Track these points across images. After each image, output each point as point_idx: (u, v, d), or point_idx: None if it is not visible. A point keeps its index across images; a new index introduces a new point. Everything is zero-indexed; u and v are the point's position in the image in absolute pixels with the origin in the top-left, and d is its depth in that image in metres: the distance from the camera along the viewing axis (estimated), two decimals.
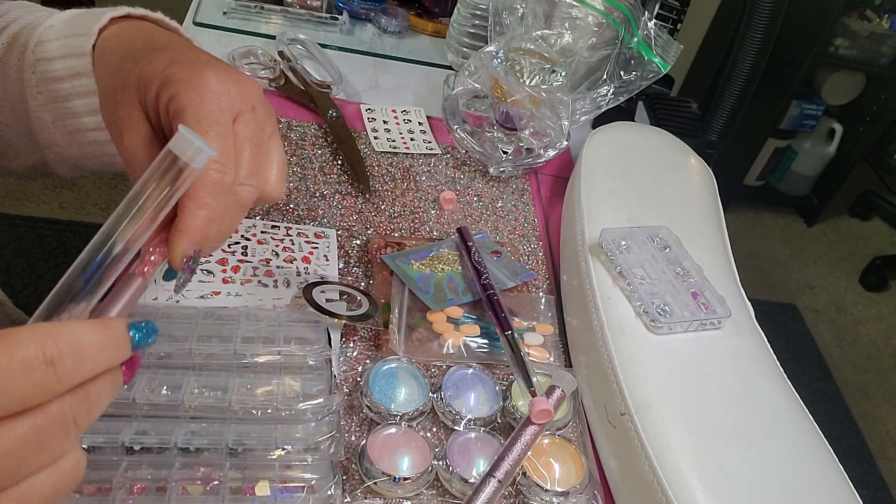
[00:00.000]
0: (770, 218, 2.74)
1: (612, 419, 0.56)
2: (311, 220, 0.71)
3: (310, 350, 0.53)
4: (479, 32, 0.91)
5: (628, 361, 0.57)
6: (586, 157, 0.77)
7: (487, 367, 0.61)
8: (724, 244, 0.73)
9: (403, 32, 1.06)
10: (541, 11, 0.82)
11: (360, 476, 0.51)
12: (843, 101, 2.52)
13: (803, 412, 0.58)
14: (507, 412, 0.58)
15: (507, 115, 0.81)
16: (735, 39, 0.87)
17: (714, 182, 0.81)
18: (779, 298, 2.37)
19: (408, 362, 0.59)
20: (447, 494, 0.52)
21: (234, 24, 0.97)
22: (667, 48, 0.81)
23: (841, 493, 0.53)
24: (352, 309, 0.61)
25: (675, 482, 0.49)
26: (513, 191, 0.83)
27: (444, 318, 0.63)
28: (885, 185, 2.83)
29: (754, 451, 0.52)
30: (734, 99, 0.89)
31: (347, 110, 0.87)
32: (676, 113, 0.95)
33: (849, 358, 2.22)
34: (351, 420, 0.55)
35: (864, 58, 2.34)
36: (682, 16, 0.98)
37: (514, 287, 0.70)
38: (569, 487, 0.53)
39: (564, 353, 0.65)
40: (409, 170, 0.81)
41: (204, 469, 0.46)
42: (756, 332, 0.63)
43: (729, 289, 0.66)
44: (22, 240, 1.74)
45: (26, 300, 1.60)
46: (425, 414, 0.56)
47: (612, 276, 0.63)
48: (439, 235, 0.74)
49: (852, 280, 2.53)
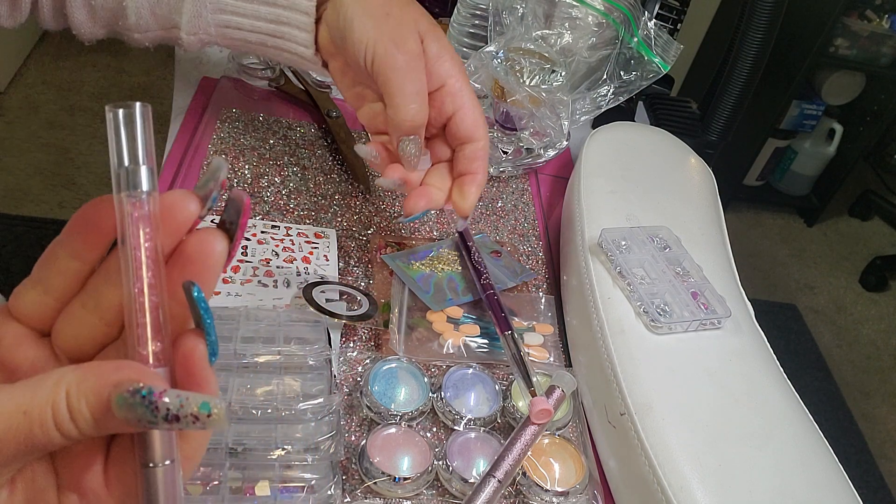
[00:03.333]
0: (770, 218, 2.74)
1: (612, 419, 0.56)
2: (311, 220, 0.71)
3: (310, 350, 0.53)
4: (479, 32, 0.91)
5: (628, 361, 0.57)
6: (586, 157, 0.77)
7: (487, 367, 0.61)
8: (724, 244, 0.73)
9: None
10: (541, 11, 0.82)
11: (360, 476, 0.51)
12: (843, 101, 2.52)
13: (803, 412, 0.58)
14: (507, 412, 0.58)
15: (507, 115, 0.81)
16: (735, 39, 0.87)
17: (714, 182, 0.81)
18: (779, 298, 2.37)
19: (408, 362, 0.59)
20: (447, 494, 0.52)
21: None
22: (667, 48, 0.81)
23: (841, 493, 0.53)
24: (352, 309, 0.61)
25: (675, 482, 0.49)
26: (513, 191, 0.83)
27: (444, 318, 0.63)
28: (885, 185, 2.83)
29: (754, 451, 0.52)
30: (734, 99, 0.89)
31: (347, 110, 0.87)
32: (676, 113, 0.95)
33: (849, 358, 2.22)
34: (351, 420, 0.55)
35: (864, 58, 2.34)
36: (682, 16, 0.98)
37: (514, 287, 0.70)
38: (569, 487, 0.53)
39: (564, 353, 0.65)
40: None
41: (203, 469, 0.46)
42: (756, 332, 0.63)
43: (729, 289, 0.66)
44: (22, 240, 1.74)
45: None
46: (425, 414, 0.56)
47: (612, 276, 0.63)
48: (439, 235, 0.74)
49: (852, 280, 2.53)
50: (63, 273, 0.29)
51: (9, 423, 0.25)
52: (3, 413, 0.25)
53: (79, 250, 0.28)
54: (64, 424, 0.25)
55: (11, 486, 0.27)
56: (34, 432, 0.25)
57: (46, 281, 0.29)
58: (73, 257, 0.28)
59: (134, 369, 0.25)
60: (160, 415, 0.24)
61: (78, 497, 0.27)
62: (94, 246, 0.28)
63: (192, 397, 0.25)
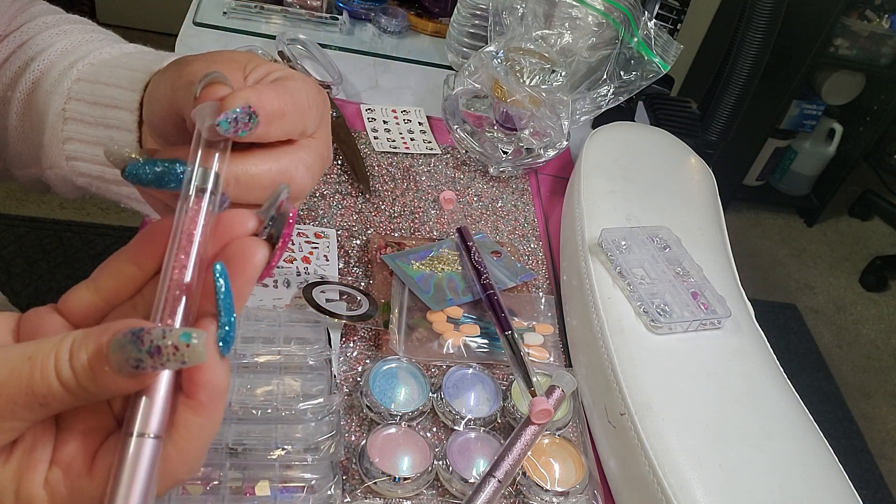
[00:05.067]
0: (770, 218, 2.73)
1: (612, 419, 0.56)
2: (311, 220, 0.71)
3: (310, 350, 0.54)
4: (479, 32, 0.91)
5: (628, 361, 0.57)
6: (586, 157, 0.77)
7: (487, 367, 0.61)
8: (724, 244, 0.73)
9: (403, 32, 1.06)
10: (541, 11, 0.82)
11: (360, 476, 0.51)
12: (843, 101, 2.52)
13: (803, 412, 0.58)
14: (507, 412, 0.58)
15: (507, 115, 0.81)
16: (735, 39, 0.87)
17: (714, 182, 0.81)
18: (779, 298, 2.37)
19: (408, 362, 0.59)
20: (447, 494, 0.52)
21: (234, 24, 0.97)
22: (667, 48, 0.81)
23: (841, 493, 0.53)
24: (352, 309, 0.61)
25: (674, 482, 0.49)
26: (513, 191, 0.83)
27: (444, 318, 0.63)
28: (885, 185, 2.82)
29: (754, 451, 0.52)
30: (734, 99, 0.89)
31: (347, 110, 0.87)
32: (676, 113, 0.95)
33: (849, 358, 2.22)
34: (351, 420, 0.55)
35: (864, 58, 2.34)
36: (682, 16, 0.98)
37: (514, 287, 0.70)
38: (569, 487, 0.53)
39: (564, 353, 0.65)
40: (409, 170, 0.81)
41: (204, 469, 0.46)
42: (756, 332, 0.63)
43: (729, 289, 0.66)
44: (22, 240, 1.74)
45: (26, 300, 1.60)
46: (425, 414, 0.56)
47: (612, 276, 0.63)
48: (439, 235, 0.74)
49: (852, 280, 2.53)
50: (117, 275, 0.30)
51: (13, 367, 0.26)
52: (9, 359, 0.26)
53: (136, 256, 0.30)
54: (63, 371, 0.26)
55: (8, 454, 0.27)
56: (35, 378, 0.25)
57: (99, 281, 0.30)
58: (129, 262, 0.30)
59: (136, 321, 0.26)
60: (144, 348, 0.25)
61: (62, 473, 0.28)
62: (151, 254, 0.30)
63: (175, 330, 0.25)
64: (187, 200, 0.29)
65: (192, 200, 0.29)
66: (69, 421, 0.28)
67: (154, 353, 0.25)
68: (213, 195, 0.29)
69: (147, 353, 0.25)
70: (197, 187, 0.29)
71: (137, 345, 0.25)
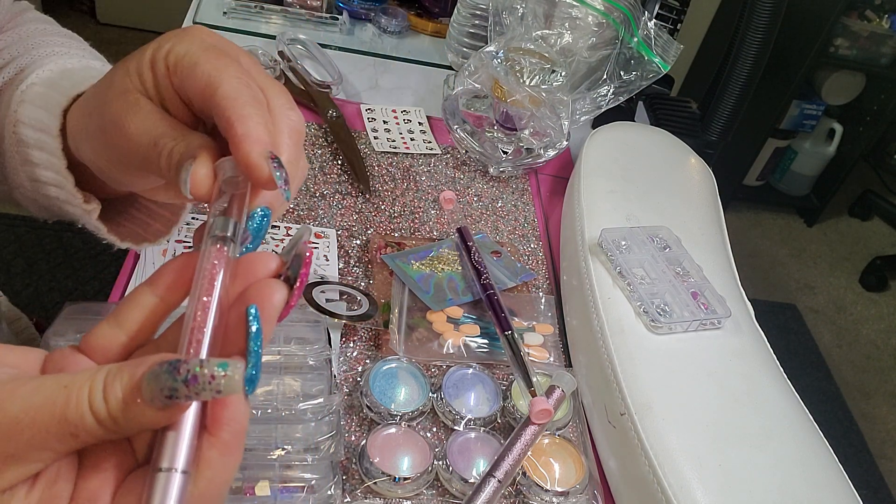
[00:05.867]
0: (770, 218, 2.74)
1: (612, 419, 0.56)
2: (311, 220, 0.71)
3: (310, 350, 0.53)
4: (479, 32, 0.91)
5: (628, 361, 0.57)
6: (586, 157, 0.77)
7: (487, 367, 0.61)
8: (724, 244, 0.73)
9: (403, 32, 1.06)
10: (541, 11, 0.82)
11: (360, 476, 0.51)
12: (843, 101, 2.52)
13: (803, 412, 0.58)
14: (507, 412, 0.58)
15: (507, 115, 0.81)
16: (735, 39, 0.87)
17: (714, 182, 0.81)
18: (779, 298, 2.37)
19: (408, 362, 0.59)
20: (447, 494, 0.52)
21: (234, 24, 0.97)
22: (667, 48, 0.81)
23: (841, 493, 0.53)
24: (352, 309, 0.61)
25: (674, 482, 0.49)
26: (513, 191, 0.83)
27: (444, 318, 0.63)
28: (885, 185, 2.83)
29: (754, 451, 0.52)
30: (734, 99, 0.89)
31: (347, 110, 0.87)
32: (676, 113, 0.95)
33: (849, 358, 2.22)
34: (351, 420, 0.55)
35: (864, 58, 2.34)
36: (682, 16, 0.98)
37: (514, 287, 0.70)
38: (569, 487, 0.53)
39: (564, 353, 0.65)
40: (409, 170, 0.81)
41: None
42: (756, 332, 0.63)
43: (729, 289, 0.66)
44: (22, 240, 1.74)
45: (26, 300, 1.60)
46: (425, 414, 0.56)
47: (612, 276, 0.63)
48: (439, 235, 0.74)
49: (852, 280, 2.53)
50: (140, 307, 0.30)
51: (48, 395, 0.26)
52: (45, 386, 0.26)
53: (159, 288, 0.30)
54: (96, 401, 0.26)
55: (31, 486, 0.27)
56: (70, 407, 0.25)
57: (120, 315, 0.30)
58: (152, 293, 0.30)
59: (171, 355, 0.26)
60: (180, 377, 0.25)
61: None
62: (175, 288, 0.30)
63: (213, 360, 0.25)
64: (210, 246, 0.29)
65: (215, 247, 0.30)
66: (91, 458, 0.28)
67: (190, 382, 0.25)
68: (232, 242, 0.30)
69: (183, 383, 0.25)
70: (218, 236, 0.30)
71: (174, 374, 0.25)
